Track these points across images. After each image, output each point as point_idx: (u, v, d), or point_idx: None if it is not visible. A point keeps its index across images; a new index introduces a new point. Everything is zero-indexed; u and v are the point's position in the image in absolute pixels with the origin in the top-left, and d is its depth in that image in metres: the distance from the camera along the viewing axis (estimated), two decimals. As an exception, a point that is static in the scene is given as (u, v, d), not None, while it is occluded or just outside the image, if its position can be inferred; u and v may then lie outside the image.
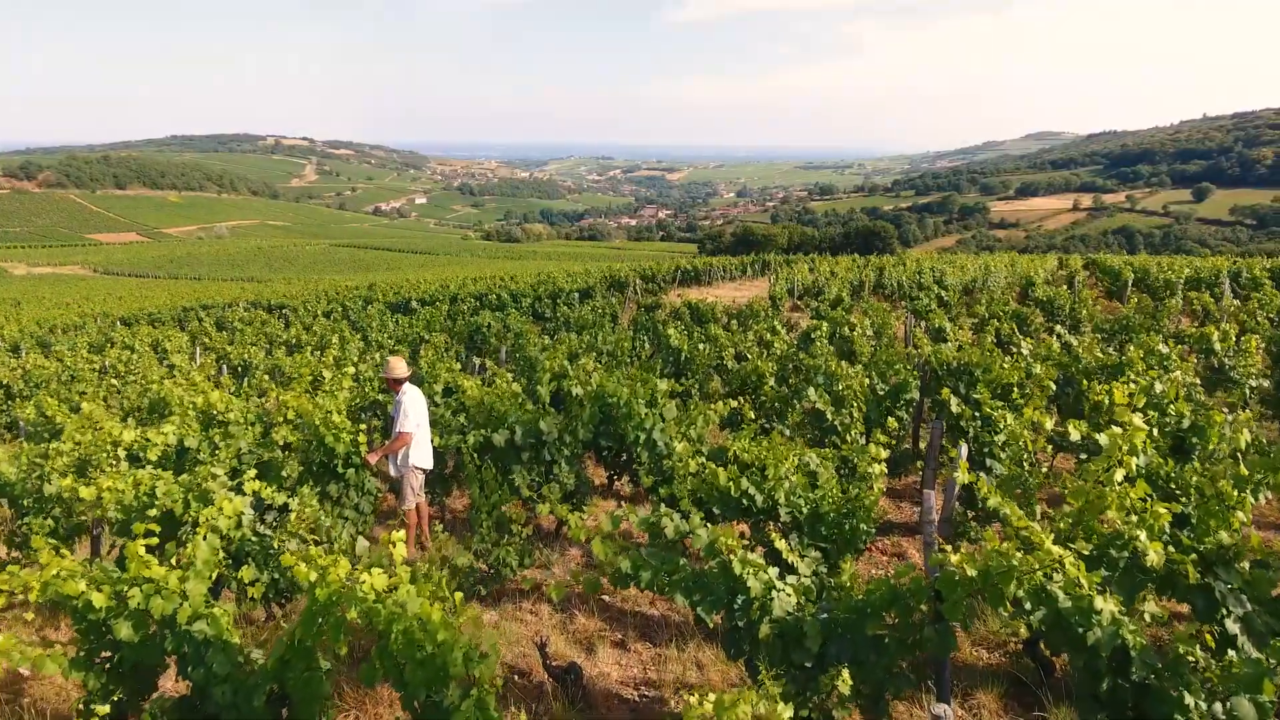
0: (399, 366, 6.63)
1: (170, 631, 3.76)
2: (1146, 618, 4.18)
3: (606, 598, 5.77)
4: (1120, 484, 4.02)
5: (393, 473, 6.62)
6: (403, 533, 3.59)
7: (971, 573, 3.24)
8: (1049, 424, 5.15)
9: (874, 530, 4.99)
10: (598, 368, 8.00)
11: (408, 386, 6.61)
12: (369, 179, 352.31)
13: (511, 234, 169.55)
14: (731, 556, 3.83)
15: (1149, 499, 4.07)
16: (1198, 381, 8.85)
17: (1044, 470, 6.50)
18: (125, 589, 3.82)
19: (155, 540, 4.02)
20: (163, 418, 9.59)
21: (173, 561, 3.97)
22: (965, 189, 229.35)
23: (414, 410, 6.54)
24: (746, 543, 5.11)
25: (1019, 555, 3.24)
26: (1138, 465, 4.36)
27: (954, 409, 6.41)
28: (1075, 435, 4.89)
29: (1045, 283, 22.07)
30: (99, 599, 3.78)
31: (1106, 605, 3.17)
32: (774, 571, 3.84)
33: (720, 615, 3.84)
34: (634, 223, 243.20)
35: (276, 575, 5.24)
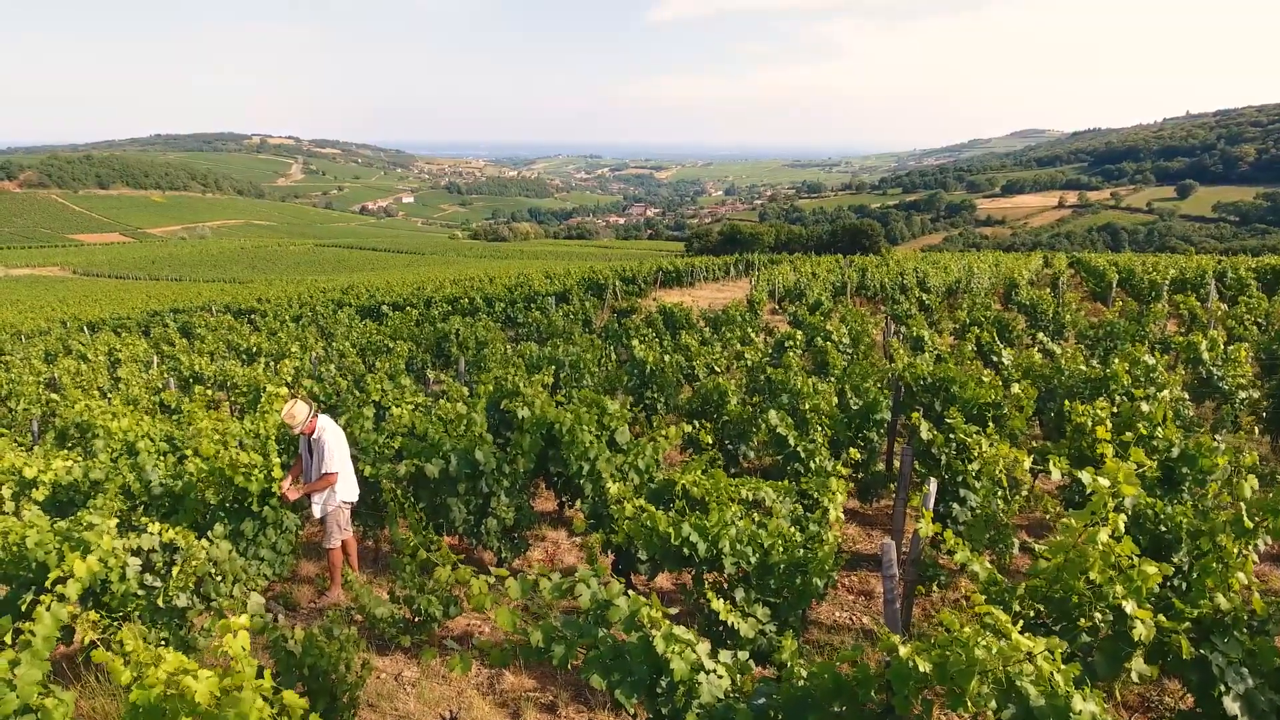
0: (299, 413, 5.84)
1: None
2: (1135, 677, 3.70)
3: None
4: (1104, 542, 3.52)
5: (316, 513, 6.00)
6: (244, 619, 3.01)
7: (925, 667, 2.72)
8: (1027, 461, 4.63)
9: (831, 580, 4.48)
10: (541, 392, 7.43)
11: (325, 422, 5.96)
12: (356, 178, 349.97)
13: (499, 233, 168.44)
14: (654, 632, 3.30)
15: (1136, 558, 3.57)
16: (1185, 396, 8.40)
17: (1023, 494, 6.01)
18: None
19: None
20: (92, 440, 9.00)
21: (5, 640, 3.41)
22: (952, 187, 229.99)
23: (337, 449, 5.91)
24: (689, 594, 4.61)
25: (983, 645, 2.71)
26: (1126, 516, 3.85)
27: (924, 435, 5.90)
28: (1056, 474, 4.38)
29: (1029, 284, 21.68)
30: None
31: (1086, 705, 2.65)
32: (704, 648, 3.30)
33: (640, 701, 3.31)
34: (622, 221, 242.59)
35: (168, 634, 4.69)
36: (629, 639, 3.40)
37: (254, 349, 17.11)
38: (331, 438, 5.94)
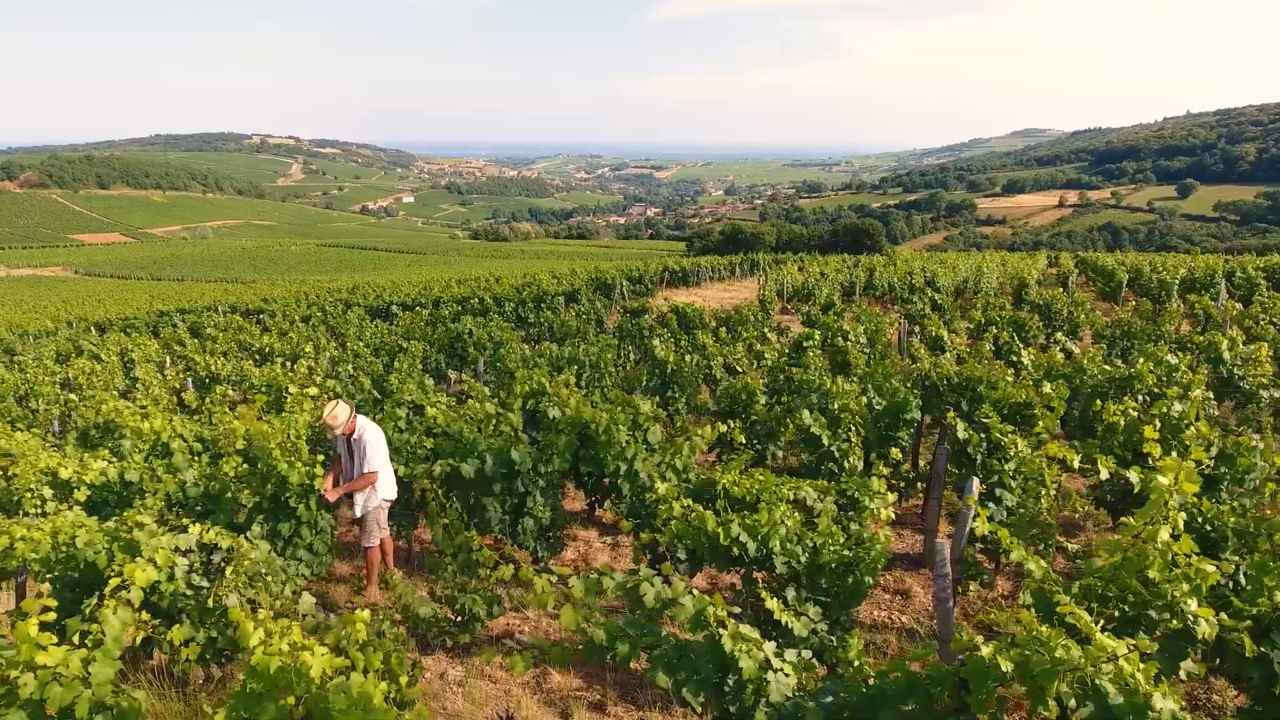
0: (341, 414, 5.83)
1: (67, 726, 3.22)
2: (1183, 675, 3.71)
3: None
4: (1164, 541, 3.53)
5: (357, 512, 6.02)
6: (366, 613, 3.05)
7: (1007, 667, 2.73)
8: (1075, 460, 4.64)
9: (875, 580, 4.49)
10: (574, 390, 7.45)
11: (364, 422, 5.97)
12: (356, 178, 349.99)
13: (499, 233, 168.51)
14: (721, 631, 3.32)
15: (1195, 556, 3.59)
16: (1210, 396, 8.42)
17: (1053, 493, 6.02)
18: (17, 675, 3.27)
19: (53, 615, 3.48)
20: (117, 440, 9.00)
21: (74, 640, 3.43)
22: (952, 186, 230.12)
23: (378, 449, 5.93)
24: (739, 594, 4.62)
25: (1065, 645, 2.73)
26: (1185, 515, 3.87)
27: (960, 434, 5.92)
28: (1104, 473, 4.39)
29: (1037, 283, 21.69)
30: (-20, 688, 3.24)
31: (1165, 703, 2.67)
32: (770, 647, 3.32)
33: (706, 699, 3.33)
34: (622, 221, 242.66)
35: (215, 634, 4.70)
36: (694, 638, 3.42)
37: (266, 349, 17.12)
38: (372, 437, 5.96)
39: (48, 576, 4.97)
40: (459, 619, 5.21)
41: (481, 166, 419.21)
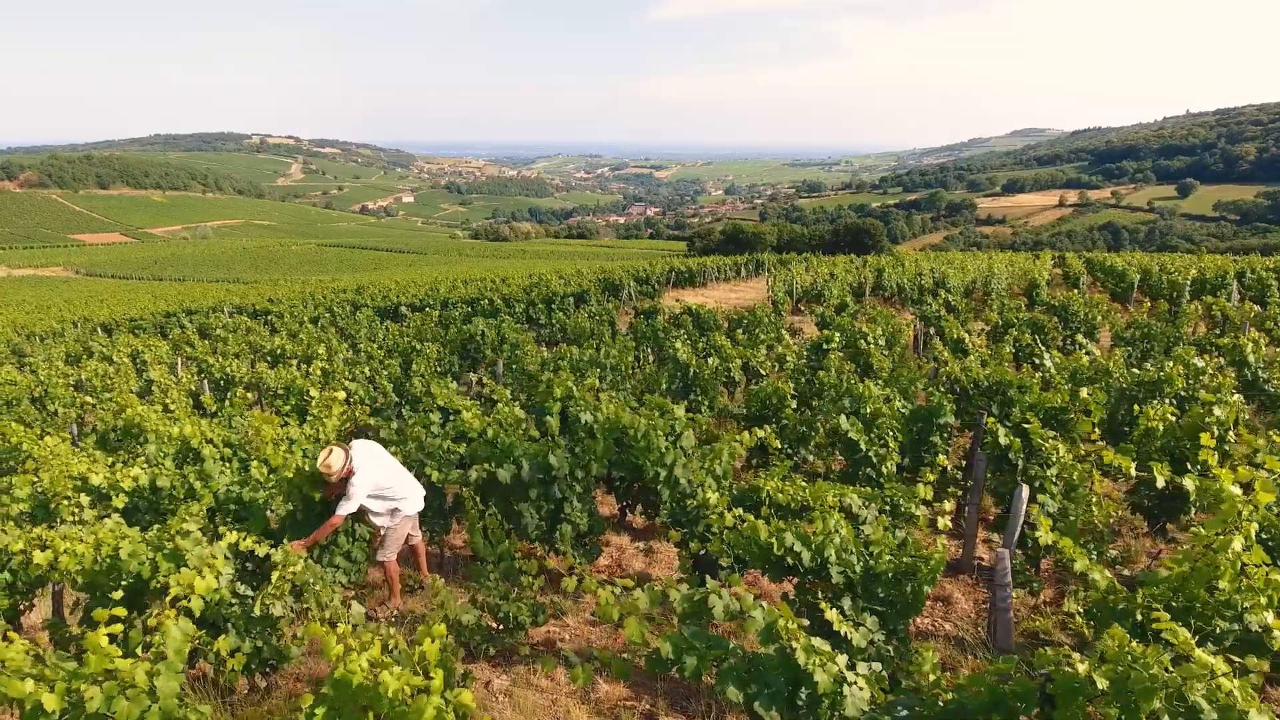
0: (335, 463, 5.45)
1: (132, 742, 3.17)
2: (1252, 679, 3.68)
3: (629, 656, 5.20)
4: (1235, 551, 3.50)
5: (382, 525, 5.88)
6: (442, 628, 3.02)
7: (1103, 683, 2.69)
8: (1131, 466, 4.60)
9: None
10: (605, 391, 7.41)
11: (359, 459, 5.59)
12: (356, 178, 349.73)
13: (500, 232, 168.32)
14: (794, 643, 3.28)
15: (1264, 566, 3.55)
16: (1242, 399, 8.37)
17: (1101, 500, 5.98)
18: (83, 688, 3.22)
19: (119, 627, 3.43)
20: (138, 444, 8.95)
21: (138, 652, 3.39)
22: (952, 186, 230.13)
23: (362, 489, 5.54)
24: (792, 603, 4.58)
25: (1161, 662, 2.69)
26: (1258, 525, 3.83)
27: (1002, 440, 5.87)
28: (1160, 482, 4.35)
29: (1047, 284, 21.65)
30: (51, 701, 3.18)
31: (1262, 718, 2.63)
32: (843, 660, 3.28)
33: (779, 713, 3.29)
34: (622, 220, 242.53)
35: (260, 643, 4.65)
36: (765, 650, 3.38)
37: (278, 350, 17.07)
38: (358, 481, 5.53)
39: (86, 587, 4.92)
40: (502, 627, 5.17)
41: (481, 166, 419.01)
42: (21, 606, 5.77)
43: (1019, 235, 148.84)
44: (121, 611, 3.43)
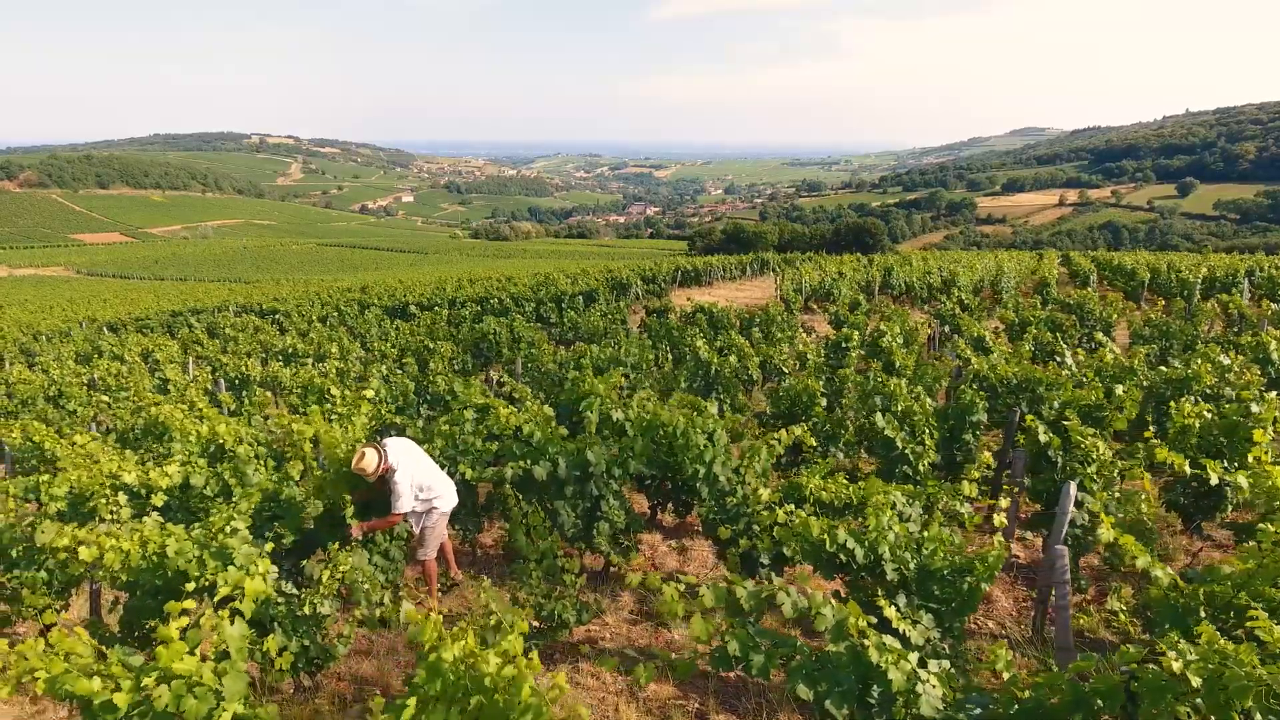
0: (369, 465, 5.46)
1: (200, 741, 3.14)
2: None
3: (675, 655, 5.18)
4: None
5: (415, 528, 5.87)
6: (525, 624, 3.01)
7: (1196, 681, 2.66)
8: (1184, 464, 4.57)
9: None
10: (643, 389, 7.38)
11: (394, 457, 5.60)
12: (355, 177, 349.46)
13: (500, 232, 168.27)
14: (865, 641, 3.25)
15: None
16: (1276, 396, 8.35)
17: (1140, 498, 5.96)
18: (151, 685, 3.18)
19: (186, 620, 3.39)
20: (159, 442, 8.92)
21: (199, 652, 3.36)
22: (952, 185, 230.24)
23: (406, 484, 5.58)
24: (844, 601, 4.55)
25: (1250, 661, 2.66)
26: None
27: (1041, 437, 5.85)
28: (1214, 479, 4.33)
29: (1057, 283, 21.62)
30: (120, 699, 3.15)
31: (1356, 717, 2.60)
32: (915, 658, 3.26)
33: (850, 711, 3.26)
34: (622, 220, 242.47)
35: (307, 642, 4.62)
36: (835, 648, 3.35)
37: (289, 349, 17.04)
38: (401, 476, 5.56)
39: (126, 585, 4.89)
40: (545, 625, 5.14)
41: (480, 166, 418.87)
42: (57, 605, 5.75)
43: (1019, 234, 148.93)
44: (191, 604, 3.40)
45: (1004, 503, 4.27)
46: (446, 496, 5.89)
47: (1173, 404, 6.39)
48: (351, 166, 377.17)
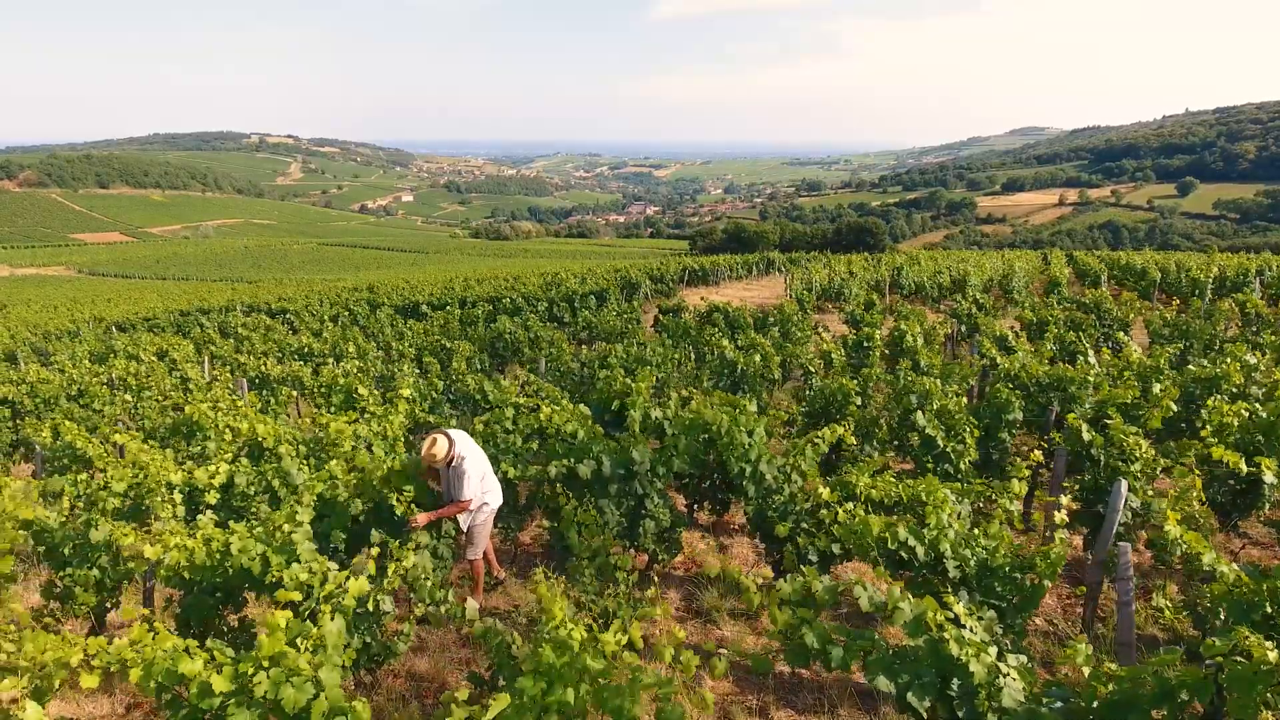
0: (439, 451, 5.56)
1: (297, 730, 3.18)
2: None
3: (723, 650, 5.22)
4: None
5: (463, 524, 5.92)
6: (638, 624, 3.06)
7: (1291, 674, 2.71)
8: (1241, 462, 4.62)
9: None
10: (695, 392, 7.42)
11: (462, 447, 5.69)
12: (355, 177, 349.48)
13: (500, 231, 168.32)
14: (945, 635, 3.29)
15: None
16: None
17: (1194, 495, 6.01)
18: (250, 672, 3.23)
19: (288, 613, 3.44)
20: (189, 440, 8.95)
21: (299, 644, 3.40)
22: (952, 184, 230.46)
23: (476, 472, 5.70)
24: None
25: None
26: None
27: (1085, 436, 5.89)
28: (1270, 477, 4.38)
29: (1068, 283, 21.67)
30: (220, 682, 3.19)
31: None
32: (994, 651, 3.30)
33: (932, 704, 3.30)
34: (622, 220, 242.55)
35: (369, 638, 4.66)
36: (914, 642, 3.39)
37: (305, 349, 17.07)
38: (471, 465, 5.67)
39: (181, 583, 4.93)
40: (598, 622, 5.18)
41: (480, 165, 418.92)
42: (109, 604, 5.79)
43: (1019, 234, 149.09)
44: (297, 596, 3.44)
45: (1065, 500, 4.32)
46: (496, 494, 5.94)
47: (1209, 402, 6.43)
48: (351, 166, 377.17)
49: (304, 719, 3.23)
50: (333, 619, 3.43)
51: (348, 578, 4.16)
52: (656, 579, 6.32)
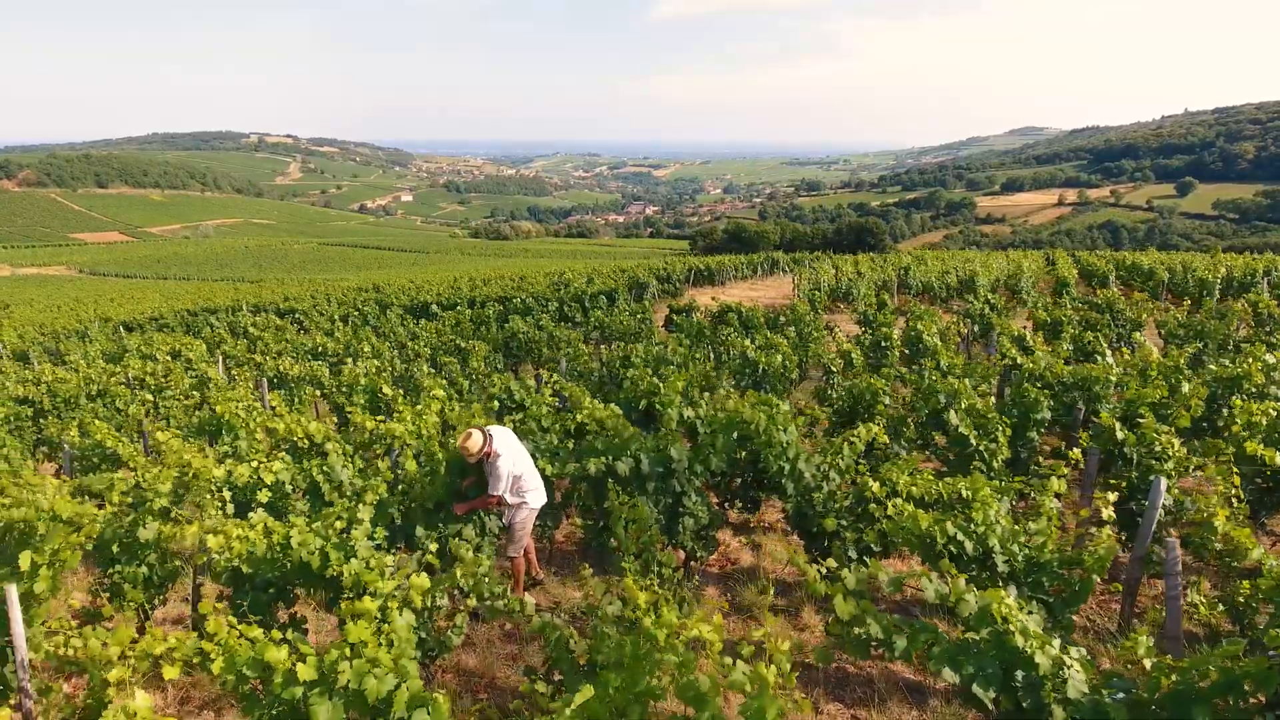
0: (474, 445, 5.69)
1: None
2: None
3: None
4: None
5: (504, 521, 6.02)
6: (719, 617, 3.15)
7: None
8: (1276, 456, 4.71)
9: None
10: (733, 392, 7.50)
11: (499, 443, 5.81)
12: (354, 176, 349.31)
13: (500, 231, 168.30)
14: (1010, 627, 3.38)
15: None
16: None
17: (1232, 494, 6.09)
18: (334, 661, 3.30)
19: (372, 604, 3.52)
20: (213, 439, 9.02)
21: (369, 636, 3.47)
22: (951, 184, 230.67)
23: (509, 469, 5.79)
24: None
25: None
26: None
27: (1119, 434, 5.98)
28: (1313, 472, 4.46)
29: (1074, 283, 21.75)
30: (305, 671, 3.27)
31: None
32: (1057, 643, 3.38)
33: (996, 695, 3.38)
34: (621, 220, 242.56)
35: (424, 633, 4.74)
36: (979, 634, 3.47)
37: (319, 349, 17.14)
38: (504, 463, 5.77)
39: (231, 579, 5.00)
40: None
41: (480, 165, 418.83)
42: (156, 601, 5.87)
43: (1019, 234, 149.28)
44: (387, 586, 3.52)
45: (1112, 496, 4.40)
46: (537, 493, 6.02)
47: (1235, 401, 6.51)
48: (350, 166, 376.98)
49: (385, 710, 3.31)
50: (401, 614, 3.51)
51: (410, 574, 4.25)
52: (695, 575, 6.40)
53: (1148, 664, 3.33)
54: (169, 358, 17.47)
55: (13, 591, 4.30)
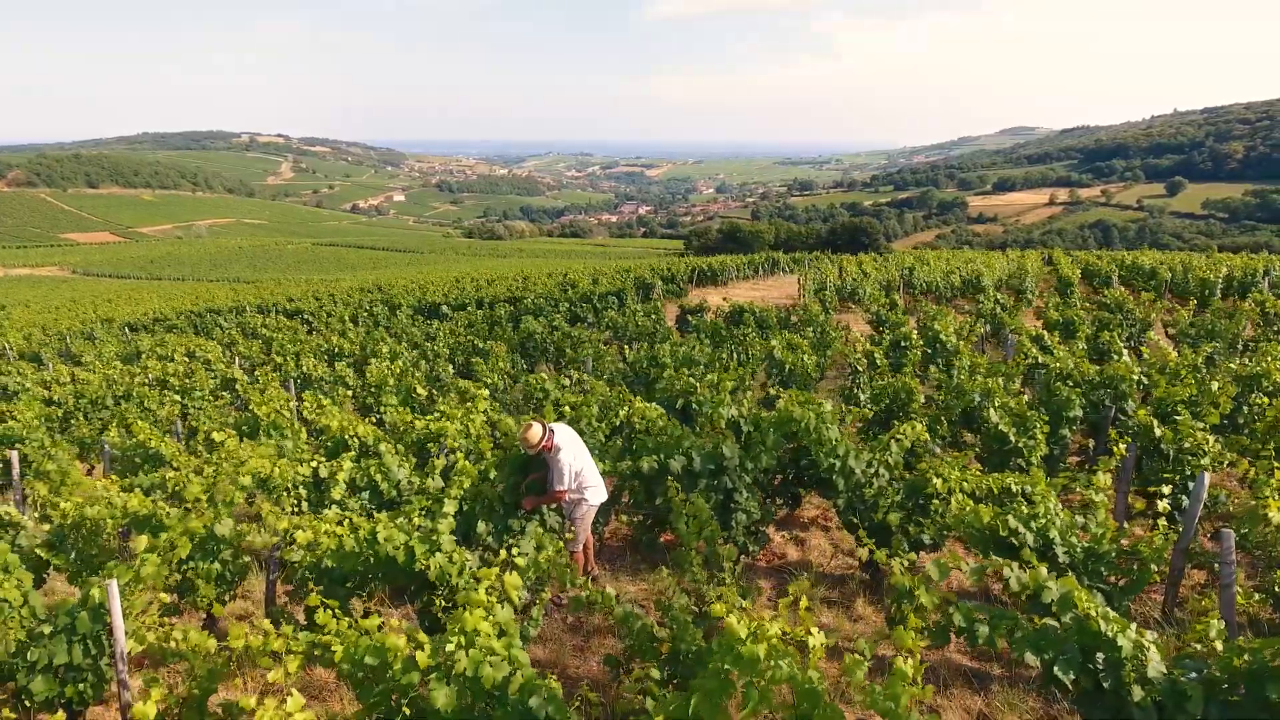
0: (533, 437, 5.85)
1: (496, 705, 3.43)
2: None
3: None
4: None
5: (565, 515, 6.21)
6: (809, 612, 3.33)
7: None
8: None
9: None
10: (784, 392, 7.69)
11: (560, 439, 5.97)
12: (347, 176, 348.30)
13: (494, 231, 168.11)
14: (1092, 612, 3.58)
15: None
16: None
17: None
18: (452, 649, 3.48)
19: (488, 595, 3.71)
20: (252, 439, 9.16)
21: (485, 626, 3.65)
22: (943, 184, 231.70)
23: (571, 464, 5.95)
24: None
25: None
26: None
27: (1156, 432, 6.21)
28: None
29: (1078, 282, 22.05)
30: (423, 658, 3.45)
31: None
32: (1135, 627, 3.59)
33: (1076, 676, 3.59)
34: (615, 219, 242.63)
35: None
36: (1061, 620, 3.68)
37: (335, 350, 17.27)
38: (565, 457, 5.92)
39: (319, 573, 5.16)
40: (703, 609, 5.45)
41: (472, 165, 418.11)
42: (226, 596, 6.03)
43: (1010, 233, 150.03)
44: (502, 572, 3.68)
45: (1167, 490, 4.63)
46: (597, 490, 6.20)
47: (1265, 399, 6.75)
48: (343, 165, 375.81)
49: (499, 695, 3.49)
50: (501, 606, 3.69)
51: (503, 569, 4.43)
52: (746, 570, 6.60)
53: (1219, 645, 3.54)
54: (186, 359, 17.57)
55: (113, 586, 4.45)
